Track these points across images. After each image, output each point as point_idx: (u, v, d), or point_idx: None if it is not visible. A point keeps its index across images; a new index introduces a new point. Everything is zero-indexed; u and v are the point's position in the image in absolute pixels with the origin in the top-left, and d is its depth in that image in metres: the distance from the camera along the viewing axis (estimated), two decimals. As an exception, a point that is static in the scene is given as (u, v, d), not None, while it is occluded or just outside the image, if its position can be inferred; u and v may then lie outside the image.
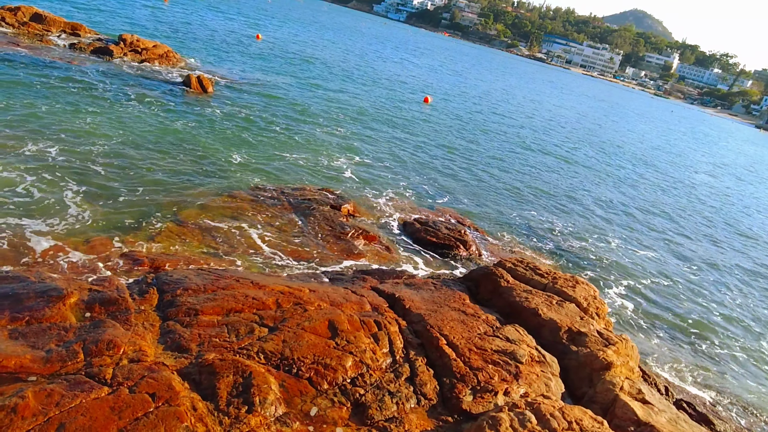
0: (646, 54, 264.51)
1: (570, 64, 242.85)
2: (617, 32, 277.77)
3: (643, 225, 24.20)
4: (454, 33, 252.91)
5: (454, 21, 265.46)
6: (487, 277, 11.30)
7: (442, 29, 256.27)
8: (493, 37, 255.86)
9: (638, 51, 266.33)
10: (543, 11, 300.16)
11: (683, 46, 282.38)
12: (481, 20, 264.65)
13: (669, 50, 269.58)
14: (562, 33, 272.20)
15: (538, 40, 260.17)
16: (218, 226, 12.73)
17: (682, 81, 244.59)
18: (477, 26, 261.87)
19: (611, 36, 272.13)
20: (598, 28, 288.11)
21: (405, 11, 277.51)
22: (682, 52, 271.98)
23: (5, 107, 16.72)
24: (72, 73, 22.49)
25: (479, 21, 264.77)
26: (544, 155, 33.94)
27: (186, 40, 39.91)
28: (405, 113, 35.02)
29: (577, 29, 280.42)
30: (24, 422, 5.27)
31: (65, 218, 11.37)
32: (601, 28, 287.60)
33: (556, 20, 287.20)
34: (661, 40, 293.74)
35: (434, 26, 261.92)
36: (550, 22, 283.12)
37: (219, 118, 21.87)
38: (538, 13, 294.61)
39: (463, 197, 20.49)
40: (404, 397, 7.27)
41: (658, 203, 29.49)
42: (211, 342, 7.34)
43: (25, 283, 8.06)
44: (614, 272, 17.39)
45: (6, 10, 28.34)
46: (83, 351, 6.62)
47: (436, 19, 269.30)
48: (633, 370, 9.82)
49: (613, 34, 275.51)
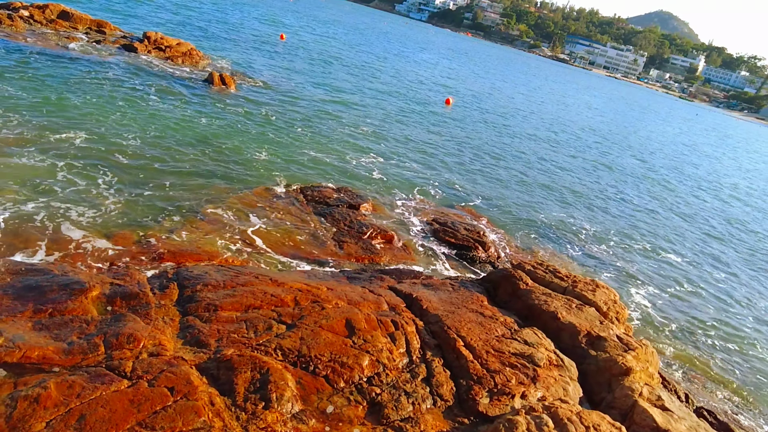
0: (670, 56, 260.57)
1: (593, 66, 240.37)
2: (641, 33, 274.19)
3: (670, 229, 23.86)
4: (476, 33, 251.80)
5: (476, 21, 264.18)
6: (506, 279, 11.23)
7: (464, 29, 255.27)
8: (516, 37, 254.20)
9: (663, 53, 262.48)
10: (566, 12, 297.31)
11: (709, 48, 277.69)
12: (503, 20, 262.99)
13: (695, 52, 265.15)
14: (586, 34, 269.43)
15: (560, 41, 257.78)
16: (238, 222, 12.83)
17: (707, 84, 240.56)
18: (499, 26, 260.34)
19: (635, 37, 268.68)
20: (622, 29, 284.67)
21: (427, 11, 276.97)
22: (709, 54, 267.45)
23: (30, 102, 17.03)
24: (97, 69, 22.83)
25: (502, 21, 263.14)
26: (568, 157, 33.63)
27: (209, 38, 40.28)
28: (426, 114, 34.94)
29: (600, 30, 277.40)
30: (46, 412, 5.37)
31: (89, 211, 11.55)
32: (626, 30, 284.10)
33: (579, 21, 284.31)
34: (686, 41, 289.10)
35: (456, 26, 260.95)
36: (574, 22, 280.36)
37: (241, 116, 22.04)
38: (562, 14, 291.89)
39: (483, 198, 20.38)
40: (420, 398, 7.25)
41: (688, 207, 29.05)
42: (229, 338, 7.40)
43: (49, 276, 8.20)
44: (637, 276, 17.16)
45: (35, 8, 28.89)
46: (104, 344, 6.72)
47: (458, 19, 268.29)
48: (653, 376, 9.68)
49: (638, 35, 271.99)
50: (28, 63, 20.97)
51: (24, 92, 17.65)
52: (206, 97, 23.48)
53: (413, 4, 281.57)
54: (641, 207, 26.49)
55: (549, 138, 39.05)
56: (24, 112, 15.99)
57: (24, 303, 7.37)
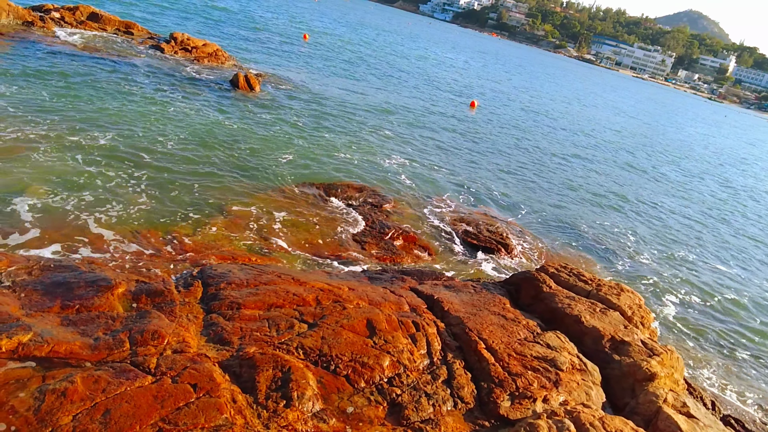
0: (700, 56, 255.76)
1: (619, 66, 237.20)
2: (670, 34, 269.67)
3: (701, 234, 23.43)
4: (500, 33, 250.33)
5: (500, 21, 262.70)
6: (529, 282, 11.13)
7: (489, 29, 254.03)
8: (541, 37, 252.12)
9: (692, 53, 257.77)
10: (593, 12, 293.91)
11: (740, 48, 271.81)
12: (528, 20, 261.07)
13: (725, 52, 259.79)
14: (612, 34, 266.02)
15: (587, 41, 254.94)
16: (262, 220, 12.94)
17: (738, 84, 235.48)
18: (524, 26, 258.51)
19: (663, 38, 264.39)
20: (650, 29, 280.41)
21: (451, 11, 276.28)
22: (740, 54, 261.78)
23: (58, 102, 17.40)
24: (124, 70, 23.23)
25: (527, 21, 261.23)
26: (595, 160, 33.24)
27: (235, 39, 40.71)
28: (451, 116, 34.84)
29: (627, 30, 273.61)
30: (72, 406, 5.47)
31: (115, 209, 11.75)
32: (653, 30, 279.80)
33: (606, 21, 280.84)
34: (716, 41, 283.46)
35: (480, 26, 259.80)
36: (600, 22, 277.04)
37: (265, 116, 22.23)
38: (588, 14, 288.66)
39: (507, 200, 20.24)
40: (441, 400, 7.23)
41: (721, 213, 28.49)
42: (252, 336, 7.46)
43: (76, 273, 8.36)
44: (664, 281, 16.87)
45: (65, 10, 29.53)
46: (129, 340, 6.83)
47: (483, 19, 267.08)
48: (678, 382, 9.50)
49: (666, 35, 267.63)
50: (58, 64, 21.43)
51: (52, 92, 18.05)
52: (231, 97, 23.73)
53: (437, 5, 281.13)
54: (671, 211, 26.04)
55: (575, 140, 38.65)
56: (52, 112, 16.35)
57: (52, 299, 7.53)
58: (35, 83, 18.43)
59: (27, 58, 20.98)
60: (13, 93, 16.92)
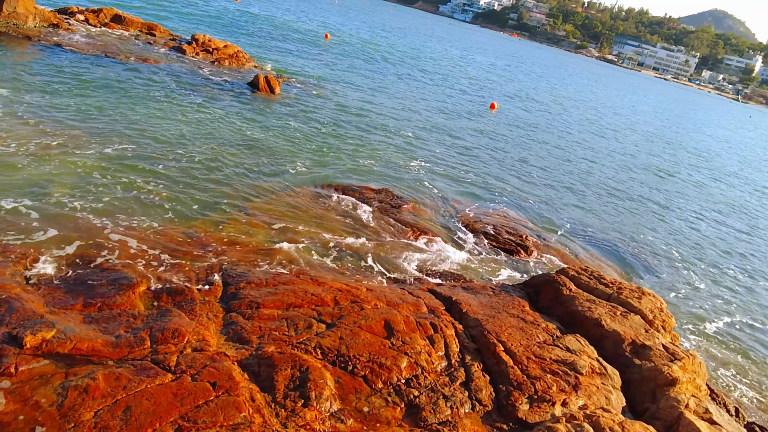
0: (724, 56, 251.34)
1: (642, 67, 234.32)
2: (694, 33, 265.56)
3: (728, 237, 23.04)
4: (521, 33, 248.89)
5: (521, 21, 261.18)
6: (549, 285, 11.03)
7: (509, 30, 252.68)
8: (562, 37, 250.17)
9: (716, 53, 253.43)
10: (615, 12, 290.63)
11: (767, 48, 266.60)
12: (549, 21, 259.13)
13: (751, 52, 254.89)
14: (635, 34, 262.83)
15: (608, 42, 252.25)
16: (281, 220, 13.00)
17: (764, 85, 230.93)
18: (545, 27, 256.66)
19: (687, 37, 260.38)
20: (674, 29, 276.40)
21: (471, 11, 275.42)
22: (766, 54, 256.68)
23: (81, 102, 17.69)
24: (145, 71, 23.53)
25: (547, 21, 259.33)
26: (618, 163, 32.88)
27: (255, 40, 41.01)
28: (471, 117, 34.72)
29: (650, 30, 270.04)
30: (94, 402, 5.56)
31: (137, 208, 11.90)
32: (677, 30, 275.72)
33: (628, 21, 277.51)
34: (742, 41, 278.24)
35: (500, 27, 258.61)
36: (622, 22, 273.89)
37: (285, 118, 22.35)
38: (610, 14, 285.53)
39: (527, 202, 20.10)
40: (459, 402, 7.20)
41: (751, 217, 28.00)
42: (270, 335, 7.50)
43: (99, 271, 8.50)
44: (687, 286, 16.62)
45: (89, 12, 30.03)
46: (150, 338, 6.91)
47: (503, 20, 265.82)
48: (700, 388, 9.34)
49: (690, 35, 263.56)
50: (80, 65, 21.79)
51: (74, 94, 18.35)
52: (251, 99, 23.90)
53: (457, 5, 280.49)
54: (697, 215, 25.65)
55: (598, 143, 38.26)
56: (74, 113, 16.63)
57: (75, 296, 7.66)
58: (58, 85, 18.76)
59: (51, 61, 21.36)
60: (36, 95, 17.24)
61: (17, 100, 16.24)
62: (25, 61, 20.53)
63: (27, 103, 16.22)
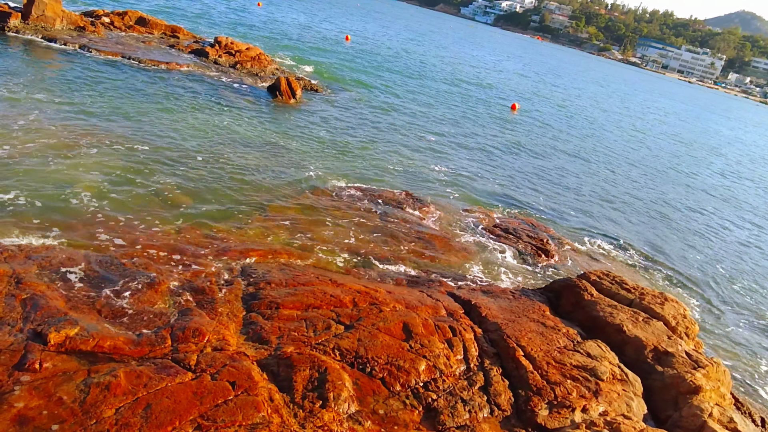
0: (752, 59, 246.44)
1: (666, 69, 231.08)
2: (720, 35, 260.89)
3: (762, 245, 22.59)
4: (543, 36, 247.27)
5: (543, 23, 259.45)
6: (570, 289, 10.91)
7: (531, 32, 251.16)
8: (584, 40, 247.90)
9: (743, 55, 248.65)
10: (638, 14, 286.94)
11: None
12: (572, 23, 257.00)
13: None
14: (659, 36, 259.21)
15: (632, 44, 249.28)
16: (301, 223, 13.06)
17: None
18: (568, 29, 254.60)
19: (713, 39, 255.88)
20: (699, 31, 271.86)
21: (493, 13, 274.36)
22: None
23: (104, 104, 17.98)
24: (169, 74, 23.84)
25: (570, 24, 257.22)
26: (643, 168, 32.43)
27: (277, 42, 41.29)
28: (491, 119, 34.56)
29: (675, 33, 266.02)
30: (116, 399, 5.62)
31: (159, 209, 12.04)
32: (702, 32, 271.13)
33: (652, 23, 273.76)
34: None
35: (522, 29, 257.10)
36: (646, 25, 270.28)
37: (306, 121, 22.45)
38: (634, 16, 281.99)
39: (548, 206, 19.91)
40: (477, 406, 7.15)
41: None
42: (290, 335, 7.53)
43: (121, 269, 8.61)
44: (711, 292, 16.31)
45: (115, 15, 30.53)
46: (171, 337, 6.98)
47: (525, 22, 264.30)
48: (724, 396, 9.16)
49: (716, 37, 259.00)
50: (104, 68, 22.15)
51: (99, 96, 18.65)
52: (272, 102, 24.07)
53: (479, 7, 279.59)
54: (723, 226, 25.20)
55: (622, 147, 37.82)
56: (99, 115, 16.91)
57: (98, 294, 7.77)
58: (83, 87, 19.09)
59: (77, 64, 21.75)
60: (61, 97, 17.56)
61: (44, 102, 16.57)
62: (51, 64, 20.93)
63: (52, 105, 16.54)
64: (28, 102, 16.22)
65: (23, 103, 16.06)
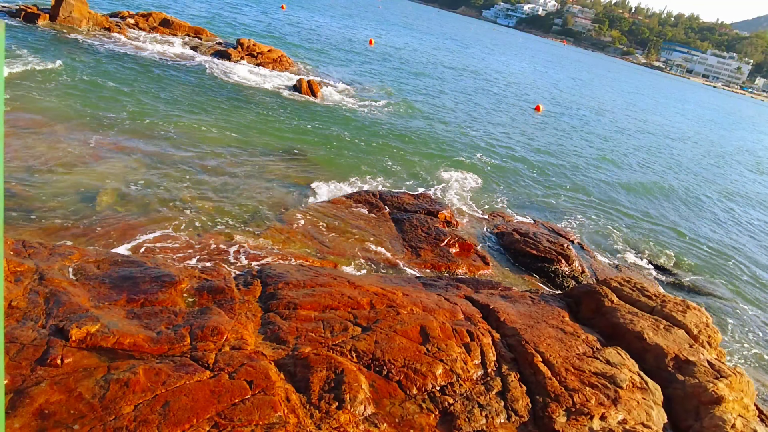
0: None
1: (690, 74, 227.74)
2: (747, 40, 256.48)
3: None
4: (565, 39, 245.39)
5: (566, 27, 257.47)
6: (590, 296, 10.79)
7: (553, 35, 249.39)
8: (608, 43, 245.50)
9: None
10: (663, 18, 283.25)
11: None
12: (595, 26, 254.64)
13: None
14: (684, 40, 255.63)
15: (656, 48, 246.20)
16: (319, 227, 13.10)
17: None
18: (590, 32, 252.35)
19: (740, 44, 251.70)
20: (725, 35, 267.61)
21: (515, 17, 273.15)
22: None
23: (127, 105, 18.23)
24: (191, 75, 24.11)
25: (593, 27, 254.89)
26: (669, 174, 31.98)
27: (299, 44, 41.52)
28: (515, 121, 34.36)
29: (700, 37, 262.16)
30: (134, 396, 5.68)
31: (179, 209, 12.18)
32: (729, 36, 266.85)
33: (677, 27, 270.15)
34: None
35: (545, 32, 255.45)
36: (671, 28, 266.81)
37: (326, 124, 22.52)
38: (658, 20, 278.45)
39: (569, 212, 19.72)
40: (494, 411, 7.09)
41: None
42: (307, 336, 7.54)
43: (142, 268, 8.70)
44: (737, 302, 15.99)
45: (139, 16, 31.02)
46: (190, 335, 7.03)
47: (547, 25, 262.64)
48: (748, 407, 8.96)
49: (743, 41, 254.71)
50: (127, 69, 22.48)
51: (122, 97, 18.93)
52: (293, 104, 24.20)
53: (501, 10, 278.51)
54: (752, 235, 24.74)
55: (648, 152, 37.31)
56: (122, 116, 17.15)
57: (119, 292, 7.86)
58: (106, 88, 19.40)
59: (101, 64, 22.11)
60: (85, 98, 17.85)
61: (67, 102, 16.85)
62: (77, 64, 21.30)
63: (76, 105, 16.81)
64: (53, 106, 16.52)
65: (47, 107, 16.37)
